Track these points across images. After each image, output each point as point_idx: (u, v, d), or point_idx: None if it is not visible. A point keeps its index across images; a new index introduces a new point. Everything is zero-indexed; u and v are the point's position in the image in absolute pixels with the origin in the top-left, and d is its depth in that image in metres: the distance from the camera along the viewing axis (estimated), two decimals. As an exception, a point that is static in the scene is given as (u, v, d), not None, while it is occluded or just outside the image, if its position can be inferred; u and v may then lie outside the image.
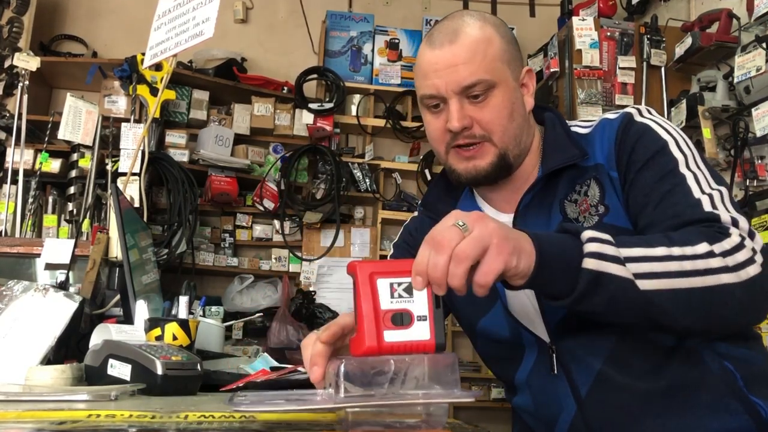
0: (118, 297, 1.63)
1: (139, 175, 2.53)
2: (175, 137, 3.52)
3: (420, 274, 0.72)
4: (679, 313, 0.84)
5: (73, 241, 2.09)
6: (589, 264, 0.81)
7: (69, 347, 1.20)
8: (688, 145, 1.03)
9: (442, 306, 0.73)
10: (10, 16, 3.45)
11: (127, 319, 1.44)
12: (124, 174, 2.69)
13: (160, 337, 1.23)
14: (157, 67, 3.09)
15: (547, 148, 1.11)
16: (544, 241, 0.80)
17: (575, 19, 3.25)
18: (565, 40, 3.29)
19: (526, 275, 0.78)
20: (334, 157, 3.70)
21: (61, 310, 1.16)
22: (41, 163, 3.24)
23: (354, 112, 3.94)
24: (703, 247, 0.85)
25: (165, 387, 0.99)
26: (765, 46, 2.40)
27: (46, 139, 3.30)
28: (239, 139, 3.70)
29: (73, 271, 1.91)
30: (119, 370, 1.02)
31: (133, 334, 1.24)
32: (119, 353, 1.04)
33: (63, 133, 2.89)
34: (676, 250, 0.84)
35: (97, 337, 1.19)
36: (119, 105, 3.46)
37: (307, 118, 3.71)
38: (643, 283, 0.82)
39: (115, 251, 1.78)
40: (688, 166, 0.99)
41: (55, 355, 1.13)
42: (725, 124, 2.76)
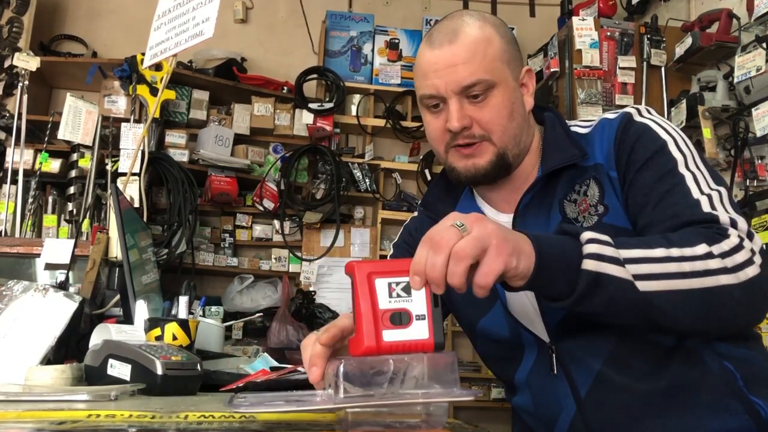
0: (118, 297, 1.63)
1: (139, 175, 2.53)
2: (175, 137, 3.52)
3: (418, 274, 0.72)
4: (678, 314, 0.84)
5: (73, 241, 2.09)
6: (589, 265, 0.81)
7: (69, 347, 1.20)
8: (687, 145, 1.03)
9: (440, 305, 0.73)
10: (10, 16, 3.45)
11: (127, 319, 1.44)
12: (124, 174, 2.68)
13: (160, 337, 1.23)
14: (157, 67, 3.09)
15: (546, 148, 1.11)
16: (544, 243, 0.80)
17: (575, 19, 3.25)
18: (565, 40, 3.29)
19: (526, 276, 0.79)
20: (334, 157, 3.70)
21: (61, 310, 1.17)
22: (41, 163, 3.24)
23: (354, 112, 3.94)
24: (702, 248, 0.85)
25: (165, 387, 0.99)
26: (765, 46, 2.40)
27: (46, 139, 3.30)
28: (239, 139, 3.70)
29: (73, 271, 1.91)
30: (119, 370, 1.02)
31: (133, 334, 1.24)
32: (119, 353, 1.04)
33: (63, 133, 2.89)
34: (675, 252, 0.85)
35: (97, 337, 1.19)
36: (119, 105, 3.46)
37: (307, 118, 3.71)
38: (643, 285, 0.82)
39: (115, 251, 1.79)
40: (687, 166, 0.99)
41: (55, 355, 1.13)
42: (725, 124, 2.76)
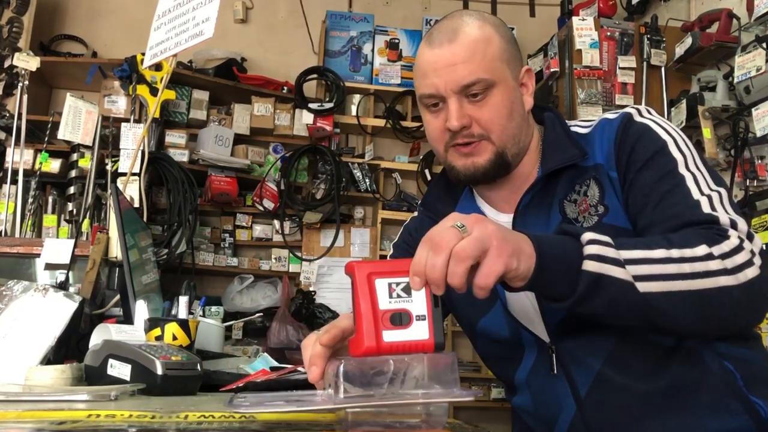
0: (118, 297, 1.63)
1: (139, 175, 2.53)
2: (175, 137, 3.52)
3: (418, 275, 0.72)
4: (678, 315, 0.84)
5: (73, 241, 2.08)
6: (590, 266, 0.81)
7: (69, 347, 1.20)
8: (687, 145, 1.03)
9: (440, 305, 0.73)
10: (10, 16, 3.45)
11: (127, 319, 1.44)
12: (124, 174, 2.68)
13: (160, 337, 1.23)
14: (157, 67, 3.09)
15: (546, 148, 1.11)
16: (544, 243, 0.80)
17: (575, 19, 3.25)
18: (565, 40, 3.29)
19: (526, 277, 0.78)
20: (334, 157, 3.70)
21: (61, 310, 1.16)
22: (41, 163, 3.24)
23: (354, 112, 3.94)
24: (702, 249, 0.85)
25: (165, 387, 0.99)
26: (765, 46, 2.40)
27: (46, 139, 3.30)
28: (239, 139, 3.69)
29: (73, 271, 1.91)
30: (119, 370, 1.02)
31: (133, 334, 1.24)
32: (119, 353, 1.04)
33: (63, 133, 2.89)
34: (675, 253, 0.85)
35: (97, 337, 1.19)
36: (119, 105, 3.46)
37: (307, 118, 3.71)
38: (643, 286, 0.82)
39: (115, 251, 1.79)
40: (687, 167, 0.99)
41: (55, 355, 1.13)
42: (725, 124, 2.76)
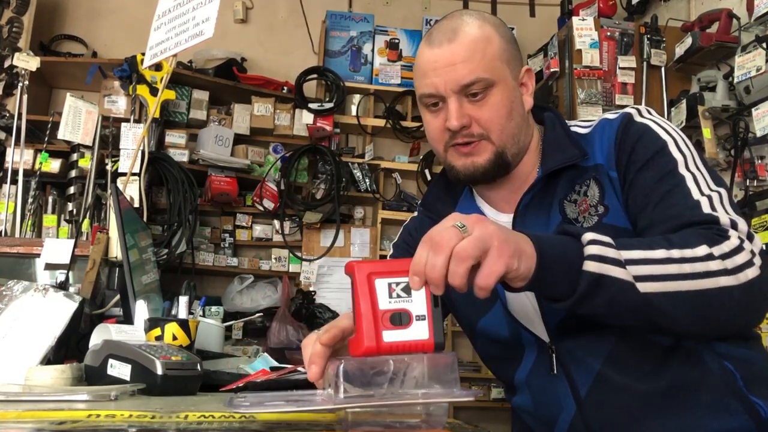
0: (118, 297, 1.63)
1: (139, 175, 2.53)
2: (175, 137, 3.52)
3: (417, 274, 0.72)
4: (678, 315, 0.84)
5: (73, 241, 2.08)
6: (590, 266, 0.81)
7: (69, 347, 1.20)
8: (687, 145, 1.03)
9: (440, 305, 0.73)
10: (10, 16, 3.45)
11: (127, 319, 1.44)
12: (124, 174, 2.68)
13: (160, 337, 1.23)
14: (157, 67, 3.09)
15: (546, 148, 1.11)
16: (545, 243, 0.80)
17: (575, 19, 3.25)
18: (565, 40, 3.29)
19: (527, 277, 0.78)
20: (334, 157, 3.70)
21: (61, 310, 1.16)
22: (41, 163, 3.24)
23: (354, 112, 3.94)
24: (702, 249, 0.85)
25: (165, 387, 0.99)
26: (765, 46, 2.40)
27: (46, 139, 3.30)
28: (239, 139, 3.69)
29: (73, 271, 1.91)
30: (119, 370, 1.02)
31: (133, 334, 1.24)
32: (119, 353, 1.04)
33: (63, 133, 2.89)
34: (675, 253, 0.84)
35: (97, 337, 1.19)
36: (119, 105, 3.46)
37: (307, 118, 3.71)
38: (643, 286, 0.82)
39: (115, 251, 1.79)
40: (687, 167, 0.99)
41: (55, 355, 1.13)
42: (725, 124, 2.76)
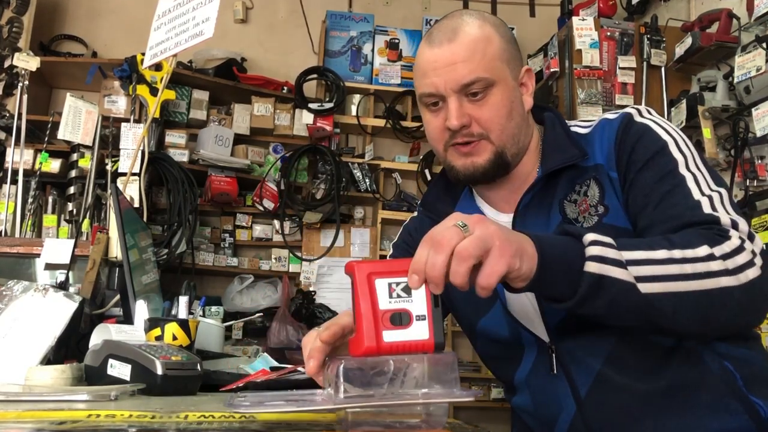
0: (118, 297, 1.63)
1: (139, 175, 2.53)
2: (175, 137, 3.52)
3: (417, 273, 0.72)
4: (679, 315, 0.84)
5: (73, 241, 2.08)
6: (591, 267, 0.81)
7: (69, 347, 1.20)
8: (688, 145, 1.02)
9: (440, 305, 0.73)
10: (10, 16, 3.44)
11: (127, 319, 1.44)
12: (124, 174, 2.68)
13: (159, 337, 1.23)
14: (157, 67, 3.09)
15: (546, 148, 1.11)
16: (546, 244, 0.80)
17: (575, 19, 3.25)
18: (565, 40, 3.29)
19: (528, 278, 0.78)
20: (334, 157, 3.70)
21: (61, 310, 1.16)
22: (41, 163, 3.24)
23: (354, 112, 3.94)
24: (703, 249, 0.85)
25: (165, 387, 0.99)
26: (765, 46, 2.40)
27: (46, 139, 3.30)
28: (239, 139, 3.69)
29: (73, 271, 1.91)
30: (119, 370, 1.02)
31: (133, 334, 1.24)
32: (119, 353, 1.04)
33: (63, 133, 2.89)
34: (676, 253, 0.84)
35: (97, 337, 1.19)
36: (119, 105, 3.46)
37: (307, 118, 3.71)
38: (645, 287, 0.82)
39: (115, 251, 1.79)
40: (688, 167, 0.99)
41: (55, 355, 1.13)
42: (725, 124, 2.76)
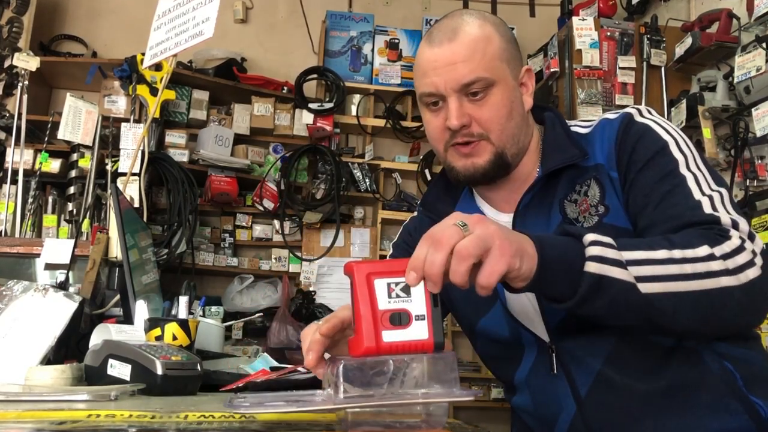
0: (118, 297, 1.63)
1: (139, 175, 2.53)
2: (175, 137, 3.52)
3: (415, 270, 0.72)
4: (679, 315, 0.84)
5: (73, 241, 2.08)
6: (592, 267, 0.81)
7: (69, 347, 1.20)
8: (688, 145, 1.02)
9: (440, 305, 0.73)
10: (10, 16, 3.44)
11: (127, 319, 1.44)
12: (124, 174, 2.68)
13: (159, 337, 1.23)
14: (157, 67, 3.09)
15: (546, 148, 1.11)
16: (546, 244, 0.80)
17: (575, 19, 3.25)
18: (565, 40, 3.29)
19: (528, 277, 0.78)
20: (334, 157, 3.70)
21: (61, 310, 1.16)
22: (41, 163, 3.24)
23: (354, 112, 3.94)
24: (703, 249, 0.85)
25: (165, 387, 0.99)
26: (765, 46, 2.40)
27: (46, 139, 3.30)
28: (239, 139, 3.69)
29: (73, 271, 1.91)
30: (119, 370, 1.02)
31: (133, 334, 1.24)
32: (119, 353, 1.04)
33: (63, 133, 2.89)
34: (677, 253, 0.84)
35: (97, 337, 1.19)
36: (119, 105, 3.46)
37: (307, 118, 3.71)
38: (645, 287, 0.82)
39: (115, 251, 1.79)
40: (688, 167, 0.99)
41: (55, 355, 1.13)
42: (725, 124, 2.76)
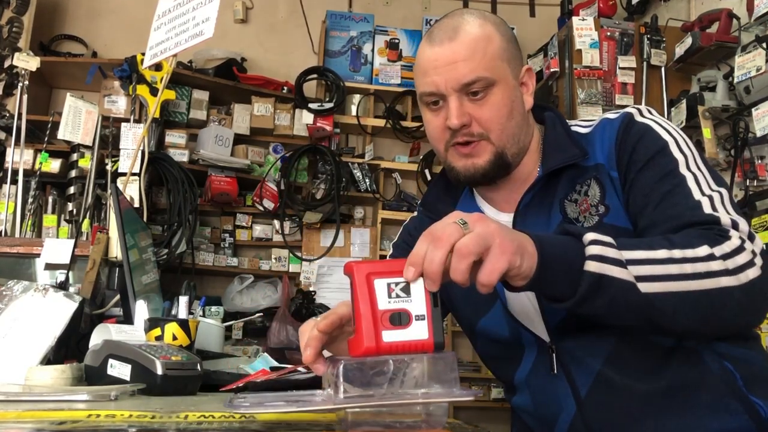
0: (118, 297, 1.63)
1: (139, 175, 2.53)
2: (175, 137, 3.52)
3: (414, 265, 0.72)
4: (679, 315, 0.84)
5: (73, 241, 2.08)
6: (591, 267, 0.80)
7: (69, 347, 1.20)
8: (688, 145, 1.02)
9: (440, 305, 0.73)
10: (10, 16, 3.44)
11: (127, 319, 1.44)
12: (124, 174, 2.68)
13: (159, 337, 1.23)
14: (157, 67, 3.09)
15: (547, 148, 1.11)
16: (546, 243, 0.80)
17: (575, 19, 3.25)
18: (565, 40, 3.29)
19: (528, 276, 0.78)
20: (334, 157, 3.70)
21: (61, 310, 1.16)
22: (41, 163, 3.24)
23: (354, 112, 3.94)
24: (703, 249, 0.85)
25: (165, 387, 0.99)
26: (765, 46, 2.40)
27: (46, 139, 3.30)
28: (239, 139, 3.69)
29: (73, 271, 1.91)
30: (119, 370, 1.02)
31: (133, 334, 1.24)
32: (119, 353, 1.04)
33: (63, 133, 2.89)
34: (677, 253, 0.84)
35: (97, 337, 1.19)
36: (119, 105, 3.46)
37: (307, 118, 3.71)
38: (645, 286, 0.82)
39: (115, 251, 1.79)
40: (688, 167, 0.99)
41: (55, 355, 1.13)
42: (725, 124, 2.76)
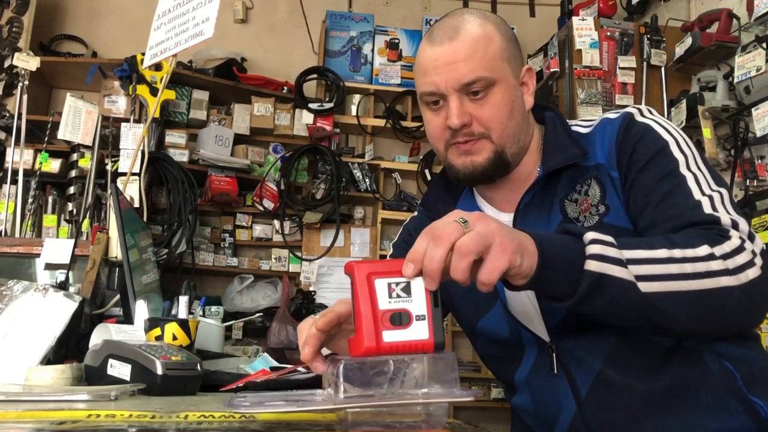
0: (118, 297, 1.63)
1: (139, 175, 2.53)
2: (175, 137, 3.52)
3: (413, 262, 0.71)
4: (679, 315, 0.84)
5: (73, 241, 2.08)
6: (592, 266, 0.80)
7: (69, 347, 1.20)
8: (688, 145, 1.02)
9: (440, 305, 0.73)
10: (10, 16, 3.45)
11: (127, 319, 1.44)
12: (124, 174, 2.68)
13: (159, 337, 1.23)
14: (157, 67, 3.09)
15: (547, 148, 1.11)
16: (546, 242, 0.80)
17: (575, 19, 3.25)
18: (565, 40, 3.29)
19: (529, 275, 0.78)
20: (334, 157, 3.70)
21: (61, 310, 1.16)
22: (41, 163, 3.24)
23: (354, 112, 3.94)
24: (704, 249, 0.85)
25: (165, 387, 0.99)
26: (765, 46, 2.40)
27: (46, 139, 3.30)
28: (239, 139, 3.70)
29: (73, 271, 1.91)
30: (119, 370, 1.02)
31: (133, 334, 1.24)
32: (119, 353, 1.04)
33: (63, 133, 2.89)
34: (677, 253, 0.84)
35: (97, 337, 1.19)
36: (119, 105, 3.46)
37: (307, 118, 3.71)
38: (645, 286, 0.82)
39: (115, 251, 1.79)
40: (688, 167, 0.99)
41: (55, 355, 1.13)
42: (725, 124, 2.76)
